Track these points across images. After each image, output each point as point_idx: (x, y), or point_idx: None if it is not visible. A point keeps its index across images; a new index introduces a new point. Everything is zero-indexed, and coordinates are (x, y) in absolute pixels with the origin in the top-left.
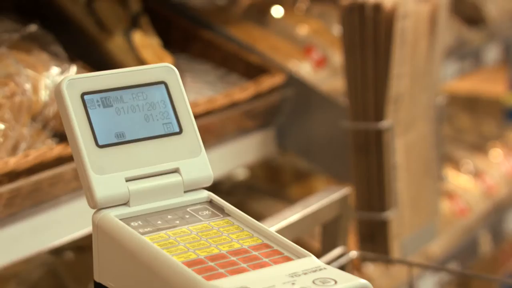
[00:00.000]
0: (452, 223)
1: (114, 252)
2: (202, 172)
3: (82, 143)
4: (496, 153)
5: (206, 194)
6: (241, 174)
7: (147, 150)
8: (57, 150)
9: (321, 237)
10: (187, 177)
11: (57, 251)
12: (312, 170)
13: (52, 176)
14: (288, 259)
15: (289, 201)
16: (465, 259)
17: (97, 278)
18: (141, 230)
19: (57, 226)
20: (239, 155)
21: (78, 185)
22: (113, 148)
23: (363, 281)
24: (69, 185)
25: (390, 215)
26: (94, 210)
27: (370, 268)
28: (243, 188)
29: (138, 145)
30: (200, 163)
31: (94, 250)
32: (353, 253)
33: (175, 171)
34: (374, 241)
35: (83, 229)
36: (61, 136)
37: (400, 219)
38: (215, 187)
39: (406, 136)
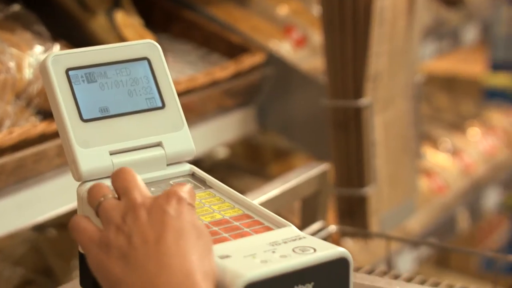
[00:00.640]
0: (430, 201)
1: (98, 224)
2: (184, 145)
3: (67, 118)
4: (474, 132)
5: (188, 167)
6: (221, 152)
7: (131, 124)
8: (41, 127)
9: (301, 212)
10: (169, 150)
11: (40, 228)
12: (292, 149)
13: (36, 153)
14: (268, 228)
15: (269, 179)
16: (443, 236)
17: (82, 249)
18: None
19: (41, 202)
20: (219, 133)
21: (62, 162)
22: (97, 122)
23: (341, 249)
24: (52, 161)
25: (368, 191)
26: (77, 185)
27: (349, 243)
28: (224, 166)
29: (122, 120)
30: (183, 137)
31: None
32: (332, 227)
33: (158, 144)
34: (353, 217)
35: (67, 205)
36: (44, 114)
37: (379, 195)
38: (196, 165)
39: (385, 113)
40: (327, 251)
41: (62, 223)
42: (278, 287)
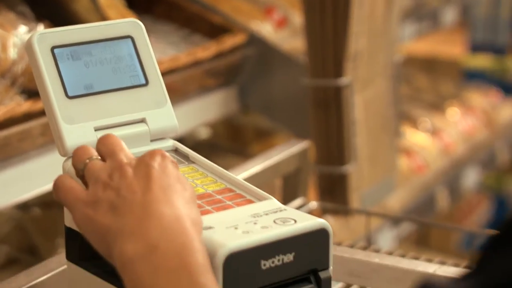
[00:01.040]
0: (410, 180)
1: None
2: (167, 122)
3: (52, 95)
4: (454, 112)
5: (171, 142)
6: (203, 132)
7: (115, 101)
8: (26, 106)
9: (282, 189)
10: (153, 126)
11: (24, 207)
12: (273, 128)
13: (21, 132)
14: (250, 201)
15: (251, 158)
16: (423, 215)
17: (68, 223)
18: None
19: (25, 180)
20: (201, 113)
21: (46, 141)
22: (82, 99)
23: (321, 220)
24: (36, 140)
25: (349, 168)
26: (62, 162)
27: (330, 221)
28: (206, 146)
29: (106, 96)
30: (166, 114)
31: None
32: (313, 204)
33: (142, 121)
34: (334, 194)
35: (51, 184)
36: (29, 93)
37: (359, 173)
38: None
39: (365, 93)
40: (307, 222)
41: (47, 202)
42: (260, 257)
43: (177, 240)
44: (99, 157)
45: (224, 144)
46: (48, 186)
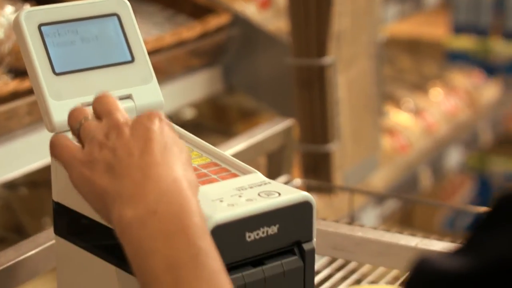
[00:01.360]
0: (393, 159)
1: None
2: (153, 98)
3: (40, 71)
4: (436, 92)
5: None
6: (188, 113)
7: (101, 78)
8: (12, 85)
9: (266, 167)
10: (139, 102)
11: (11, 187)
12: (257, 109)
13: (8, 110)
14: (234, 175)
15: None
16: (406, 194)
17: (55, 197)
18: None
19: (12, 159)
20: (186, 93)
21: (32, 120)
22: (69, 76)
23: (304, 193)
24: (23, 119)
25: (332, 147)
26: (48, 142)
27: (314, 199)
28: (191, 127)
29: (93, 73)
30: (152, 90)
31: (53, 173)
32: (297, 181)
33: (128, 97)
34: (318, 172)
35: (37, 162)
36: (16, 72)
37: (343, 151)
38: None
39: (348, 72)
40: (291, 195)
41: (33, 181)
42: (245, 229)
43: (175, 203)
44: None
45: (209, 124)
46: (34, 165)
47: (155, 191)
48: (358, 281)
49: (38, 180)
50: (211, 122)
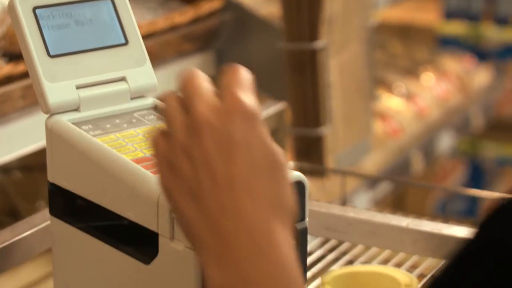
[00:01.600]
0: (385, 143)
1: (66, 154)
2: (147, 80)
3: (35, 54)
4: (428, 77)
5: (151, 100)
6: None
7: (96, 60)
8: (7, 69)
9: None
10: (133, 85)
11: (5, 171)
12: None
13: (2, 94)
14: None
15: None
16: (397, 182)
17: (51, 179)
18: (91, 133)
19: (5, 143)
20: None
21: (26, 104)
22: (64, 58)
23: (297, 173)
24: (17, 103)
25: (324, 130)
26: (43, 126)
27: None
28: None
29: (87, 55)
30: (146, 72)
31: (48, 153)
32: (290, 164)
33: (122, 79)
34: (310, 156)
35: (31, 146)
36: (10, 56)
37: (335, 135)
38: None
39: (340, 56)
40: None
41: (27, 165)
42: None
43: (272, 270)
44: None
45: None
46: (28, 149)
47: (246, 247)
48: (350, 262)
49: (32, 164)
50: None
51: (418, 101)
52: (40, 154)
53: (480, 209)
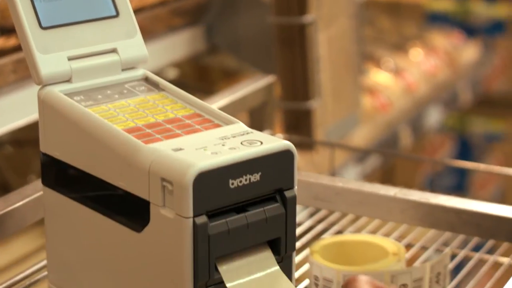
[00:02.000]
0: (373, 118)
1: (59, 124)
2: (138, 51)
3: (27, 26)
4: (416, 53)
5: (142, 71)
6: (171, 73)
7: (87, 32)
8: None
9: (249, 123)
10: (124, 56)
11: None
12: (240, 69)
13: None
14: (218, 125)
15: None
16: (386, 155)
17: (44, 149)
18: (83, 104)
19: None
20: (168, 52)
21: (17, 78)
22: (56, 30)
23: (286, 142)
24: (8, 77)
25: (313, 104)
26: (34, 100)
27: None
28: (174, 85)
29: (79, 27)
30: (136, 44)
31: (40, 124)
32: (279, 136)
33: (113, 51)
34: (299, 129)
35: (22, 120)
36: (1, 30)
37: (323, 109)
38: None
39: (328, 30)
40: (273, 143)
41: (18, 139)
42: (228, 176)
43: None
44: None
45: (192, 83)
46: (19, 123)
47: None
48: (339, 233)
49: (23, 139)
50: (194, 82)
51: (407, 76)
52: (31, 129)
53: (468, 184)
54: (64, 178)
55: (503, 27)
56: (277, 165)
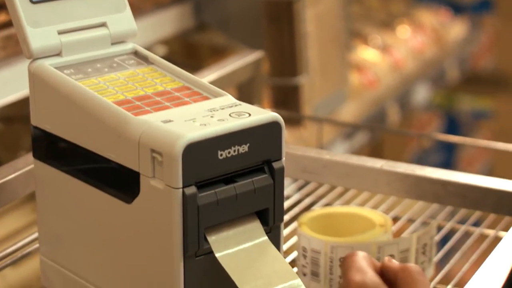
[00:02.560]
0: (361, 94)
1: (49, 97)
2: (127, 26)
3: (17, 0)
4: (404, 30)
5: (131, 45)
6: (159, 50)
7: (77, 6)
8: None
9: (237, 98)
10: (113, 30)
11: None
12: (228, 46)
13: None
14: (206, 98)
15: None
16: (374, 128)
17: (34, 122)
18: (73, 77)
19: None
20: (157, 29)
21: (6, 54)
22: (46, 4)
23: (274, 114)
24: None
25: (301, 80)
26: (24, 76)
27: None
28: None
29: (69, 1)
30: (125, 18)
31: (31, 98)
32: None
33: (103, 25)
34: (287, 105)
35: (11, 96)
36: None
37: (311, 85)
38: None
39: (316, 7)
40: (261, 115)
41: (8, 116)
42: (216, 147)
43: None
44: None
45: (180, 60)
46: (8, 99)
47: None
48: (327, 205)
49: (13, 115)
50: (182, 59)
51: (394, 53)
52: (20, 105)
53: (456, 161)
54: (55, 151)
55: (490, 4)
56: (265, 137)
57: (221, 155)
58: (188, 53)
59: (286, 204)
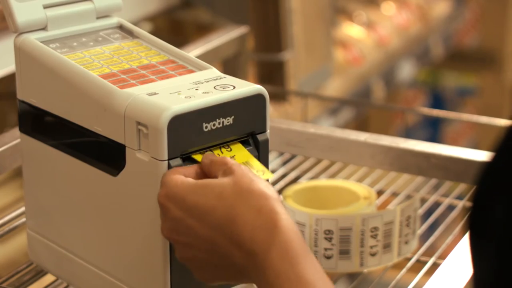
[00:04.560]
0: (346, 71)
1: (35, 71)
2: (112, 0)
3: None
4: (389, 6)
5: (116, 20)
6: (145, 27)
7: None
8: None
9: (222, 73)
10: (98, 4)
11: None
12: (214, 23)
13: None
14: (191, 71)
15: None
16: (359, 105)
17: (20, 96)
18: (59, 51)
19: None
20: (142, 5)
21: None
22: None
23: (258, 86)
24: None
25: (286, 55)
26: (8, 52)
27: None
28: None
29: None
30: None
31: (17, 72)
32: None
33: None
34: (272, 81)
35: None
36: None
37: (296, 61)
38: None
39: None
40: (245, 87)
41: None
42: (201, 119)
43: None
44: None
45: (166, 37)
46: None
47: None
48: (312, 179)
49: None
50: (168, 36)
51: (379, 29)
52: (6, 82)
53: (441, 137)
54: (41, 125)
55: None
56: (250, 109)
57: (206, 127)
58: (173, 30)
59: (271, 179)
